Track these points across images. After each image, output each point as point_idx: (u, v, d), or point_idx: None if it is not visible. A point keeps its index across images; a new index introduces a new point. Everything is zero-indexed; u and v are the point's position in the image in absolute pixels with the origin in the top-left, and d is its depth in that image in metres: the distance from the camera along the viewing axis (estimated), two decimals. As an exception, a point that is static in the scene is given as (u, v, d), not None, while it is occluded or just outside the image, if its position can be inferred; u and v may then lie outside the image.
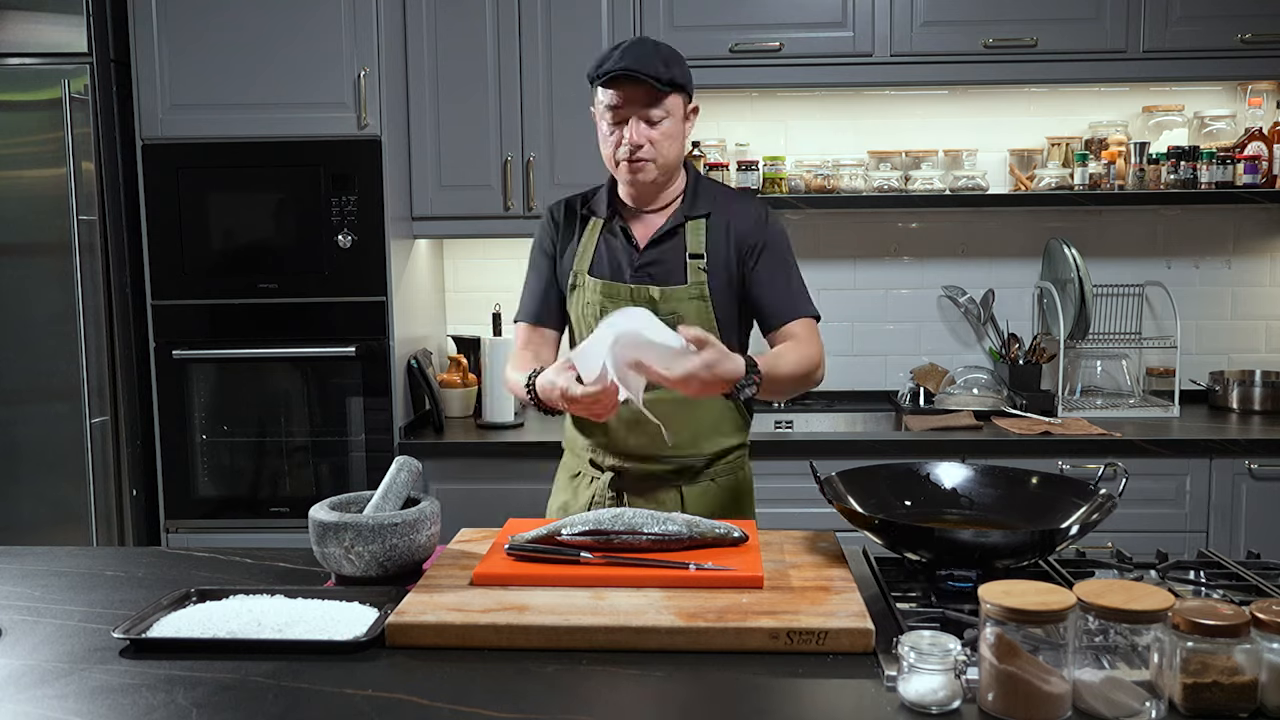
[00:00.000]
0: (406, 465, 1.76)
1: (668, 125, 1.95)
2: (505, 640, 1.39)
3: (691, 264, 2.00)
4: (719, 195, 2.09)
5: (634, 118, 1.93)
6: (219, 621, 1.45)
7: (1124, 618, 1.17)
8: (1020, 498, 1.74)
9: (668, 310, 1.97)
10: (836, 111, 3.49)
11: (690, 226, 2.02)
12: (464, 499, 2.92)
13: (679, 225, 2.02)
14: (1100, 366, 3.45)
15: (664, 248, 2.02)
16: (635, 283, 2.01)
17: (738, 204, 2.08)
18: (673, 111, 1.96)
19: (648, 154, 1.95)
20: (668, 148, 1.96)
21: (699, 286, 2.00)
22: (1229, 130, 3.35)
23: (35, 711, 1.25)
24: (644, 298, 1.99)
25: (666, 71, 1.92)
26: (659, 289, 1.99)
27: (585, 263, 2.05)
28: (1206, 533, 2.95)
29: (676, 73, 1.94)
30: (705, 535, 1.67)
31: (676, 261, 2.01)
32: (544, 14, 3.11)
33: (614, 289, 2.01)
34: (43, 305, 3.03)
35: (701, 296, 2.00)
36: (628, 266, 2.02)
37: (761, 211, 2.07)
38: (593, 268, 2.05)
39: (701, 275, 2.00)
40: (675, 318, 1.95)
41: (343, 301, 3.05)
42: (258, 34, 3.00)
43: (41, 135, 2.99)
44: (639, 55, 1.91)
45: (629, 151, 1.94)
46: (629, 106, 1.93)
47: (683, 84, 1.96)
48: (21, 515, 3.09)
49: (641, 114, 1.93)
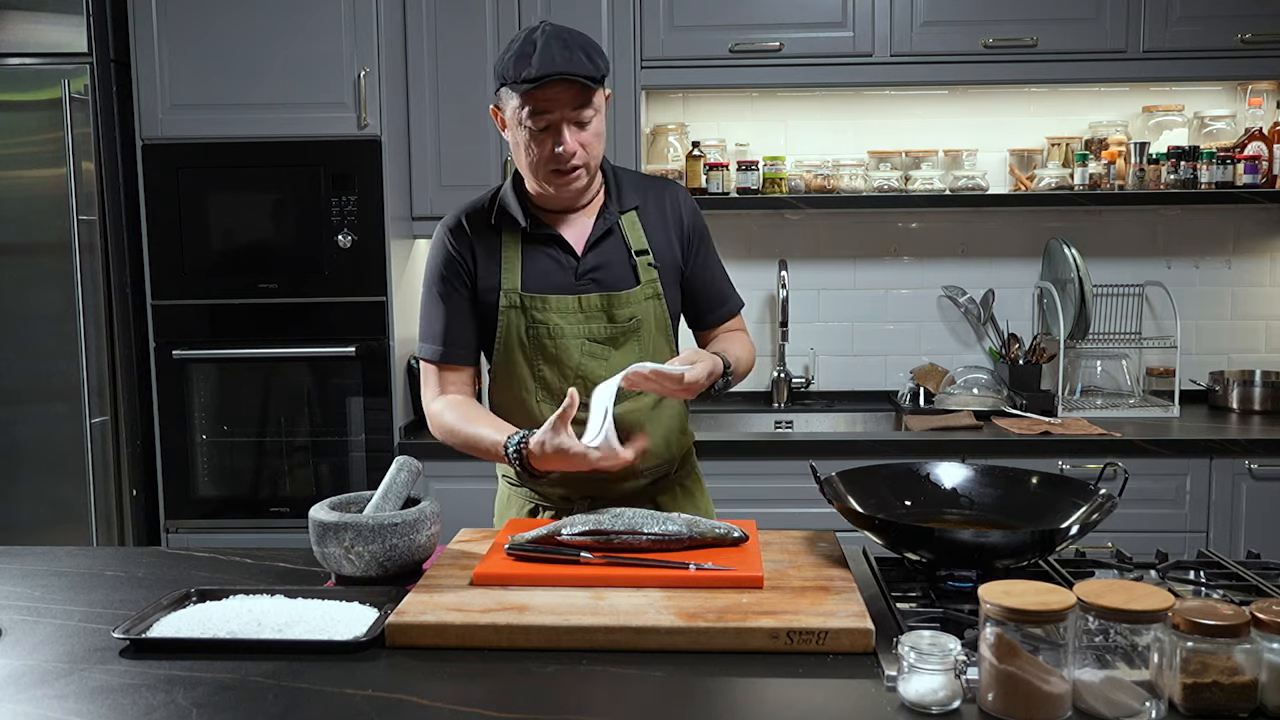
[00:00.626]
0: (406, 465, 1.76)
1: (597, 123, 1.78)
2: (505, 640, 1.39)
3: (640, 261, 1.87)
4: (638, 182, 1.95)
5: (565, 123, 1.74)
6: (219, 621, 1.45)
7: (1124, 618, 1.17)
8: (1020, 498, 1.74)
9: (624, 316, 1.86)
10: (836, 111, 3.49)
11: (625, 221, 1.89)
12: (464, 499, 2.92)
13: (615, 222, 1.88)
14: (1100, 366, 3.45)
15: (603, 249, 1.87)
16: (581, 291, 1.85)
17: (663, 190, 1.95)
18: (599, 107, 1.79)
19: (580, 160, 1.77)
20: (598, 147, 1.81)
21: (652, 285, 1.88)
22: (1229, 130, 3.35)
23: (35, 711, 1.25)
24: (595, 306, 1.85)
25: (595, 67, 1.73)
26: (610, 294, 1.85)
27: (515, 279, 1.85)
28: (1206, 533, 2.95)
29: (602, 64, 1.76)
30: (705, 535, 1.66)
31: (621, 262, 1.87)
32: (544, 14, 3.11)
33: (560, 303, 1.84)
34: (43, 305, 3.03)
35: (656, 295, 1.88)
36: (569, 275, 1.86)
37: (687, 195, 1.98)
38: (526, 283, 1.85)
39: (652, 272, 1.88)
40: (634, 322, 1.87)
41: (343, 301, 3.05)
42: (258, 34, 3.00)
43: (41, 135, 2.99)
44: (564, 51, 1.71)
45: (563, 162, 1.76)
46: (558, 110, 1.73)
47: (606, 74, 1.78)
48: (21, 515, 3.09)
49: (572, 117, 1.74)
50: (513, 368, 1.89)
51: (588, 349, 1.86)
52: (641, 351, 1.89)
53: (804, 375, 3.54)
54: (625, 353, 1.87)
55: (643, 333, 1.89)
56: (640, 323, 1.88)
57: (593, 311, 1.85)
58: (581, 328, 1.86)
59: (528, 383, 1.89)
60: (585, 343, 1.86)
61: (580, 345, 1.86)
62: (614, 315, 1.86)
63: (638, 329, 1.88)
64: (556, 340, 1.86)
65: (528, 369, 1.88)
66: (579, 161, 1.78)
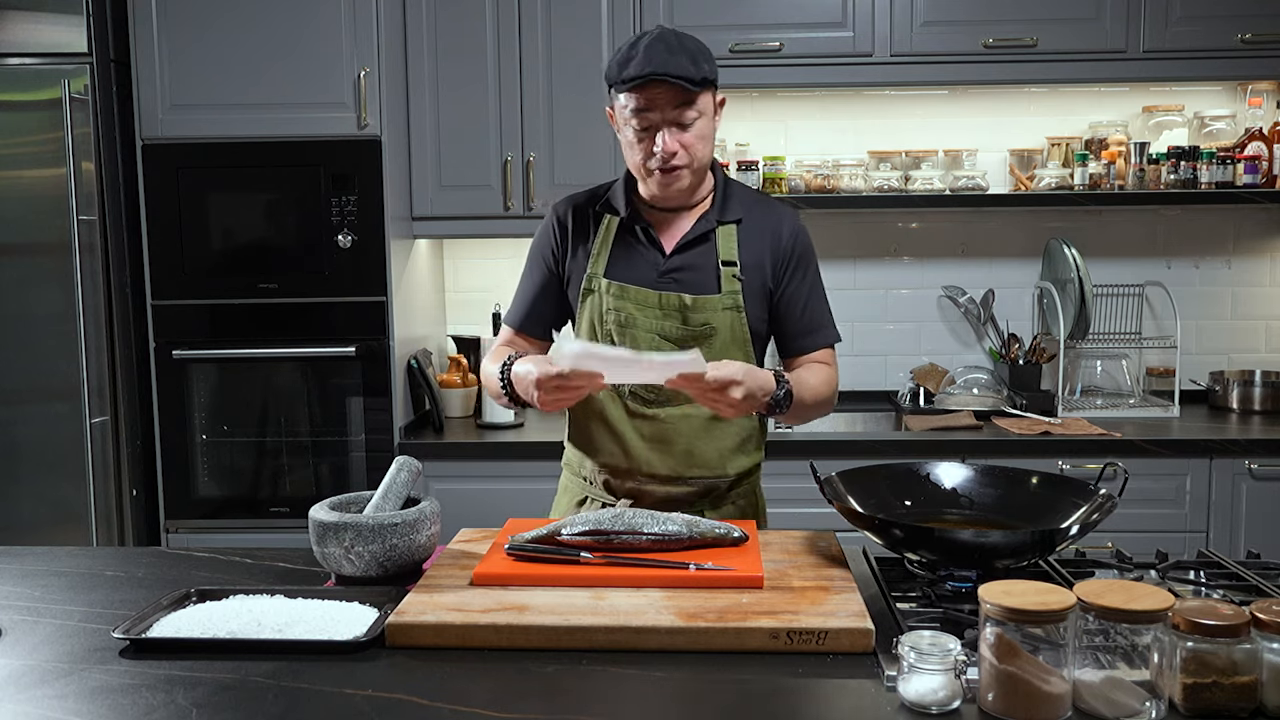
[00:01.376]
0: (406, 465, 1.76)
1: (701, 126, 1.80)
2: (505, 640, 1.39)
3: (725, 272, 1.86)
4: (750, 200, 1.95)
5: (665, 124, 1.78)
6: (219, 621, 1.45)
7: (1124, 618, 1.17)
8: (1020, 498, 1.74)
9: (699, 321, 1.86)
10: (836, 111, 3.49)
11: (721, 232, 1.89)
12: (464, 499, 2.92)
13: (710, 230, 1.88)
14: (1100, 366, 3.45)
15: (693, 253, 1.88)
16: (662, 289, 1.87)
17: (772, 211, 1.95)
18: (705, 110, 1.81)
19: (682, 160, 1.80)
20: (702, 150, 1.82)
21: (733, 296, 1.86)
22: (1229, 130, 3.35)
23: (35, 711, 1.25)
24: (673, 305, 1.86)
25: (697, 69, 1.75)
26: (690, 297, 1.85)
27: (601, 265, 1.90)
28: (1206, 533, 2.95)
29: (707, 68, 1.78)
30: (705, 535, 1.66)
31: (707, 268, 1.87)
32: (544, 14, 3.11)
33: (641, 294, 1.86)
34: (43, 305, 3.03)
35: (736, 307, 1.87)
36: (653, 271, 1.88)
37: (797, 223, 1.95)
38: (610, 270, 1.89)
39: (736, 284, 1.86)
40: (708, 329, 1.86)
41: (343, 301, 3.05)
42: (257, 34, 3.00)
43: (41, 135, 2.99)
44: (666, 53, 1.74)
45: (662, 161, 1.79)
46: (658, 111, 1.77)
47: (714, 79, 1.81)
48: (21, 515, 3.09)
49: (673, 118, 1.78)
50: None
51: (656, 344, 1.87)
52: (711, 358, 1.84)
53: (804, 375, 3.54)
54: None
55: (715, 341, 1.87)
56: (714, 330, 1.87)
57: (670, 310, 1.87)
58: (656, 323, 1.87)
59: None
60: (656, 338, 1.87)
61: (650, 339, 1.87)
62: (689, 318, 1.86)
63: (710, 335, 1.87)
64: (628, 330, 1.87)
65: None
66: (680, 162, 1.81)
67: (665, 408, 1.89)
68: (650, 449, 1.90)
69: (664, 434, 1.89)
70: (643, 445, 1.90)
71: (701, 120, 1.81)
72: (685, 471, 1.90)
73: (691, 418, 1.89)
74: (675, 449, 1.89)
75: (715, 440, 1.91)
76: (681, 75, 1.74)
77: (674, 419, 1.89)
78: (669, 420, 1.89)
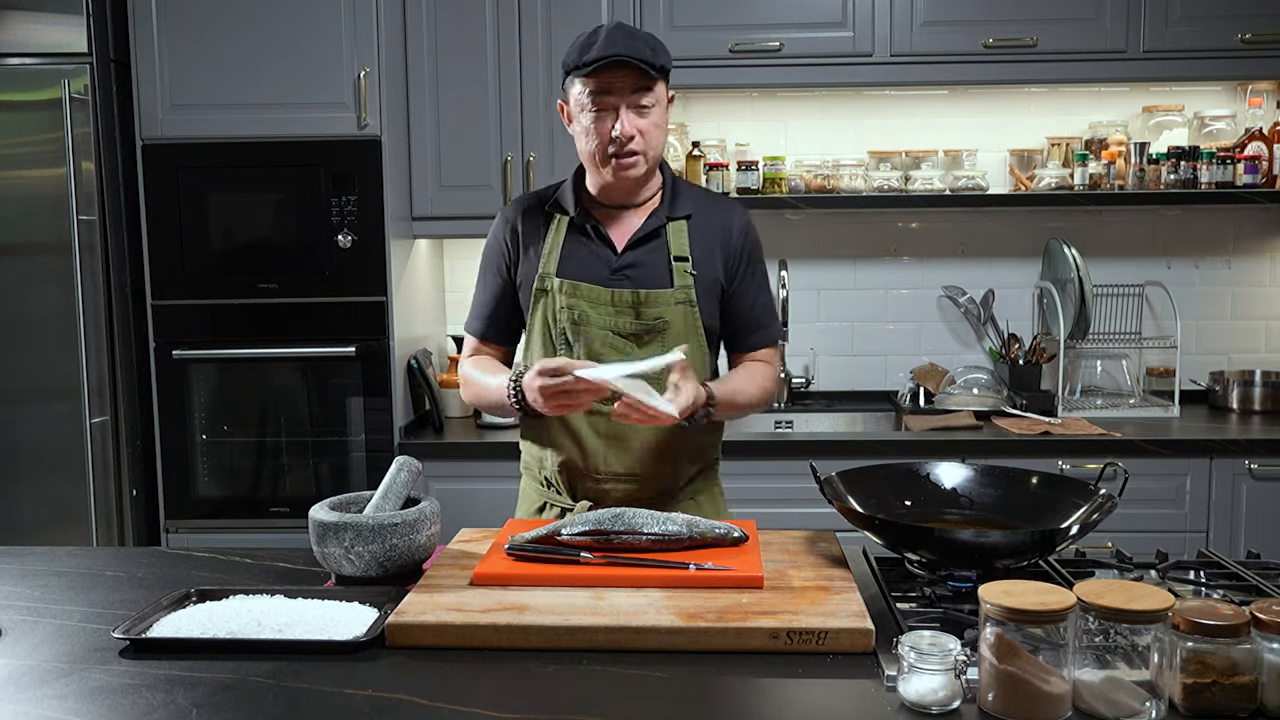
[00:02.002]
0: (406, 465, 1.76)
1: (657, 114, 1.84)
2: (505, 640, 1.39)
3: (677, 267, 1.89)
4: (698, 197, 1.99)
5: (624, 106, 1.81)
6: (219, 621, 1.45)
7: (1124, 618, 1.17)
8: (1020, 498, 1.74)
9: (652, 315, 1.88)
10: (836, 111, 3.49)
11: (672, 228, 1.91)
12: (464, 499, 2.92)
13: (660, 226, 1.91)
14: (1100, 366, 3.45)
15: (645, 249, 1.91)
16: (614, 286, 1.89)
17: (721, 208, 1.98)
18: (660, 100, 1.85)
19: (639, 145, 1.83)
20: (657, 138, 1.86)
21: (685, 291, 1.89)
22: (1229, 130, 3.35)
23: (35, 711, 1.25)
24: (625, 301, 1.88)
25: (655, 56, 1.81)
26: (642, 292, 1.88)
27: (553, 264, 1.91)
28: (1206, 533, 2.95)
29: (664, 59, 1.84)
30: (705, 535, 1.66)
31: (659, 264, 1.90)
32: (544, 14, 3.11)
33: (593, 292, 1.88)
34: (43, 305, 3.03)
35: (689, 301, 1.90)
36: (605, 268, 1.90)
37: (746, 219, 1.98)
38: (562, 269, 1.91)
39: (688, 279, 1.89)
40: (660, 322, 1.88)
41: (343, 301, 3.05)
42: (257, 34, 3.00)
43: (41, 135, 2.99)
44: (626, 39, 1.80)
45: (620, 145, 1.82)
46: (618, 94, 1.81)
47: (668, 70, 1.86)
48: (21, 515, 3.09)
49: (632, 101, 1.81)
50: (539, 351, 1.94)
51: (611, 341, 1.89)
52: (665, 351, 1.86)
53: (804, 375, 3.54)
54: (648, 350, 1.88)
55: (669, 335, 1.89)
56: (668, 324, 1.89)
57: (623, 306, 1.88)
58: (609, 319, 1.89)
59: None
60: (610, 334, 1.89)
61: (604, 336, 1.88)
62: (642, 313, 1.88)
63: (664, 330, 1.89)
64: (581, 327, 1.89)
65: (550, 352, 1.92)
66: (637, 147, 1.83)
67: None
68: (607, 446, 1.91)
69: (619, 431, 1.90)
70: (599, 442, 1.91)
71: (657, 109, 1.84)
72: (641, 469, 1.91)
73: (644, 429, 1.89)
74: (631, 445, 1.91)
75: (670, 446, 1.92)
76: (641, 58, 1.78)
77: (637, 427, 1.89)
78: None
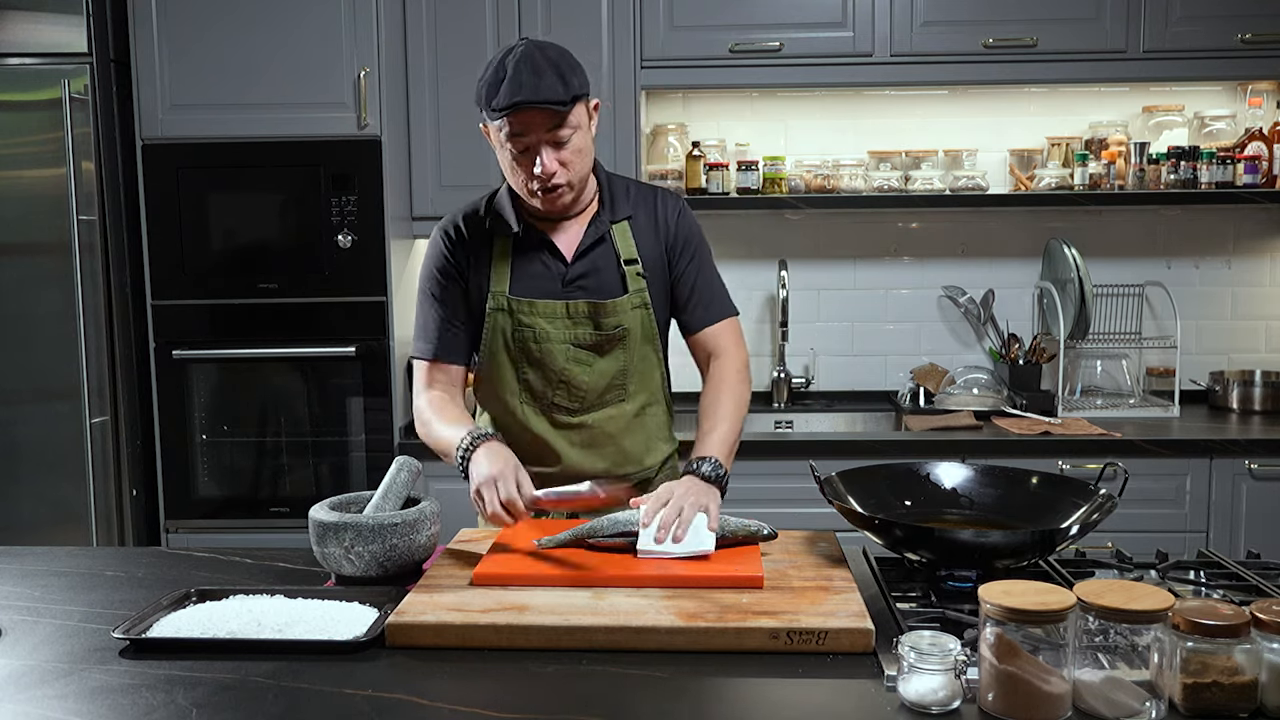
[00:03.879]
0: (406, 465, 1.76)
1: (578, 139, 1.78)
2: (505, 640, 1.39)
3: (629, 270, 1.88)
4: (634, 192, 1.95)
5: (542, 144, 1.75)
6: (219, 621, 1.45)
7: (1124, 618, 1.17)
8: (1020, 498, 1.74)
9: (611, 325, 1.87)
10: (836, 111, 3.49)
11: (616, 230, 1.90)
12: (464, 499, 2.91)
13: (605, 231, 1.89)
14: (1100, 366, 3.45)
15: (593, 256, 1.88)
16: (568, 298, 1.87)
17: (655, 199, 1.95)
18: (579, 124, 1.78)
19: (562, 179, 1.78)
20: (580, 165, 1.80)
21: (640, 294, 1.89)
22: (1229, 130, 3.35)
23: (35, 711, 1.25)
24: (582, 313, 1.87)
25: (566, 88, 1.72)
26: (598, 303, 1.86)
27: (504, 283, 1.88)
28: (1206, 533, 2.95)
29: (576, 83, 1.75)
30: (736, 534, 1.68)
31: (610, 270, 1.88)
32: (544, 14, 3.11)
33: (549, 307, 1.86)
34: (43, 305, 3.03)
35: (644, 304, 1.89)
36: (556, 281, 1.88)
37: (680, 204, 1.96)
38: (514, 287, 1.88)
39: (641, 282, 1.89)
40: (620, 330, 1.88)
41: (343, 301, 3.05)
42: (258, 34, 3.00)
43: (41, 135, 2.99)
44: (533, 76, 1.70)
45: (543, 182, 1.77)
46: (534, 133, 1.74)
47: (583, 92, 1.77)
48: (21, 515, 3.09)
49: (548, 139, 1.75)
50: (498, 369, 1.92)
51: (572, 354, 1.88)
52: (626, 359, 1.90)
53: (804, 375, 3.54)
54: (610, 360, 1.90)
55: (629, 341, 1.90)
56: (627, 331, 1.89)
57: (579, 318, 1.87)
58: (568, 333, 1.88)
59: (512, 384, 1.93)
60: (570, 348, 1.88)
61: (565, 350, 1.88)
62: (600, 323, 1.88)
63: (623, 337, 1.90)
64: (542, 344, 1.88)
65: (512, 371, 1.91)
66: (560, 180, 1.79)
67: (590, 413, 1.92)
68: (582, 454, 1.93)
69: (593, 438, 1.92)
70: (573, 451, 1.93)
71: (577, 134, 1.78)
72: (616, 469, 1.94)
73: (616, 417, 1.92)
74: (606, 450, 1.93)
75: (640, 433, 1.96)
76: (550, 100, 1.70)
77: (600, 421, 1.92)
78: (596, 424, 1.93)
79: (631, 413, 1.94)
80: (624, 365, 1.91)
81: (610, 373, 1.90)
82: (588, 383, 1.89)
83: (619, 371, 1.91)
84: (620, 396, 1.93)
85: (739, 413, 1.90)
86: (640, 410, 1.95)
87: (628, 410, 1.93)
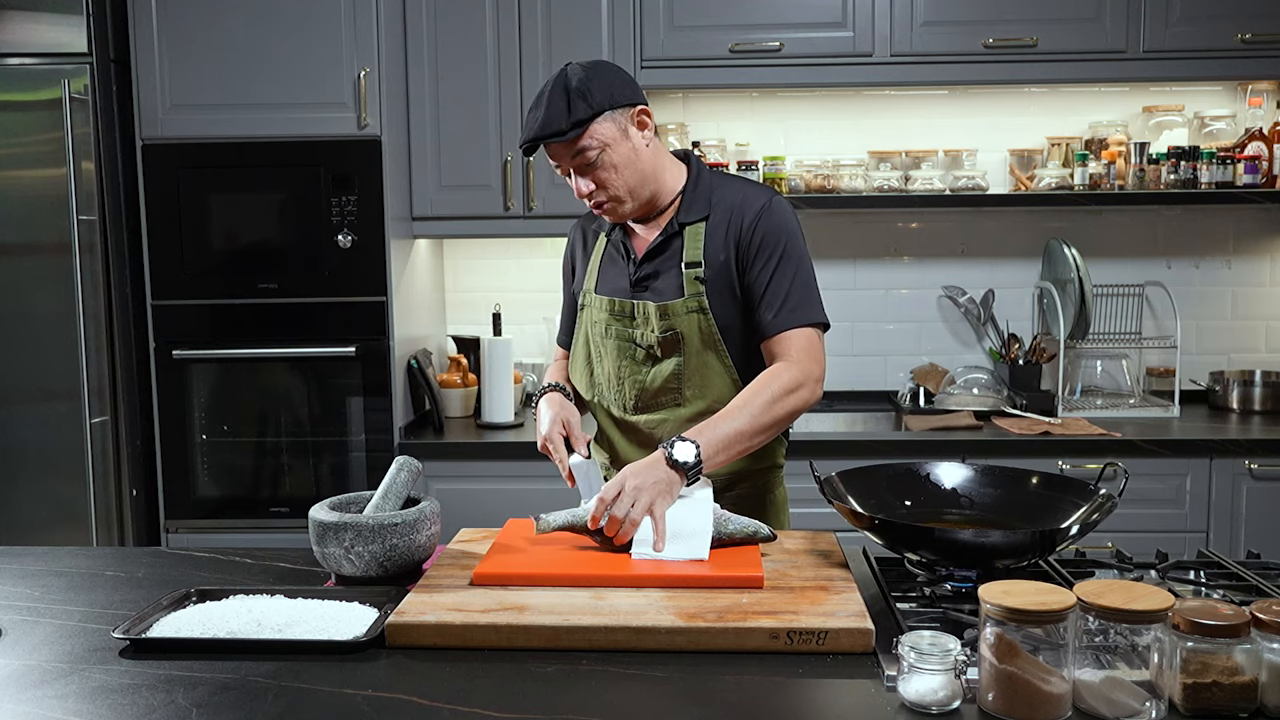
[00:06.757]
0: (406, 465, 1.76)
1: (608, 157, 1.81)
2: (505, 640, 1.39)
3: (687, 274, 1.86)
4: (722, 191, 1.91)
5: (571, 169, 1.84)
6: (219, 621, 1.45)
7: (1124, 618, 1.17)
8: (1020, 498, 1.74)
9: (665, 327, 1.86)
10: (836, 111, 3.49)
11: (689, 233, 1.88)
12: (464, 499, 2.92)
13: (675, 234, 1.89)
14: (1100, 366, 3.45)
15: (660, 259, 1.90)
16: (636, 298, 1.91)
17: (740, 198, 1.89)
18: (609, 141, 1.80)
19: (602, 196, 1.85)
20: (619, 180, 1.83)
21: (696, 299, 1.85)
22: (1229, 130, 3.35)
23: (35, 711, 1.25)
24: (644, 314, 1.88)
25: (569, 116, 1.76)
26: (660, 304, 1.87)
27: (592, 280, 1.99)
28: (1206, 533, 2.95)
29: (582, 107, 1.76)
30: (734, 536, 1.68)
31: (672, 273, 1.89)
32: (544, 14, 3.11)
33: (619, 305, 1.92)
34: (43, 305, 3.03)
35: (701, 309, 1.85)
36: (626, 281, 1.93)
37: (765, 203, 1.87)
38: (598, 285, 1.98)
39: (698, 286, 1.85)
40: (674, 335, 1.87)
41: (343, 301, 3.05)
42: (258, 34, 3.00)
43: (41, 135, 2.99)
44: (537, 111, 1.79)
45: (589, 200, 1.87)
46: (560, 161, 1.84)
47: (598, 111, 1.78)
48: (21, 515, 3.09)
49: (575, 165, 1.82)
50: (575, 360, 2.06)
51: (628, 351, 1.93)
52: (681, 364, 1.89)
53: (804, 375, 3.54)
54: (666, 363, 1.90)
55: (685, 346, 1.89)
56: (681, 335, 1.88)
57: (641, 319, 1.91)
58: (628, 332, 1.92)
59: (583, 377, 2.03)
60: (632, 345, 1.92)
61: (628, 348, 1.93)
62: (658, 325, 1.89)
63: (678, 341, 1.89)
64: (605, 341, 1.95)
65: (586, 364, 2.01)
66: (601, 198, 1.86)
67: (644, 414, 1.95)
68: (636, 452, 1.95)
69: (647, 440, 1.95)
70: (629, 448, 1.99)
71: (606, 152, 1.80)
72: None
73: (668, 421, 1.92)
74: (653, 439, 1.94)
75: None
76: (547, 134, 1.77)
77: (654, 424, 1.94)
78: (647, 426, 1.95)
79: (685, 417, 1.90)
80: (679, 369, 1.89)
81: (665, 375, 1.90)
82: (641, 383, 1.92)
83: (673, 375, 1.90)
84: (675, 400, 1.91)
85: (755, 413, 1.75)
86: (696, 416, 1.86)
87: (682, 415, 1.90)
